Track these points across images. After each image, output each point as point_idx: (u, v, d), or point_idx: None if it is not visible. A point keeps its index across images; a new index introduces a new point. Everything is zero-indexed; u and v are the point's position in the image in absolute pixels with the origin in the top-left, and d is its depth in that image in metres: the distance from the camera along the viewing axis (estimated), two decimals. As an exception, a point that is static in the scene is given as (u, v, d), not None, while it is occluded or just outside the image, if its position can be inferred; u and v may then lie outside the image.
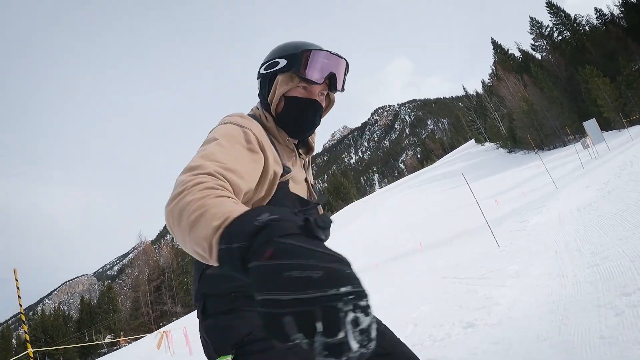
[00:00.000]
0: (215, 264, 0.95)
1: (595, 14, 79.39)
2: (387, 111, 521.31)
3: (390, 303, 10.49)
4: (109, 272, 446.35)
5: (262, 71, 1.83)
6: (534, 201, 18.85)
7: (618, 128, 42.40)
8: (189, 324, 19.44)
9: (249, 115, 1.75)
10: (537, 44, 79.95)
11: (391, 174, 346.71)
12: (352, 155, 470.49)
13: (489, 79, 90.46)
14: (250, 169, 1.44)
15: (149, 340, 24.97)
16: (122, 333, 58.65)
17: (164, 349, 16.61)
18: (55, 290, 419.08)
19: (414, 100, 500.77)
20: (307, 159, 2.02)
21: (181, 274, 73.31)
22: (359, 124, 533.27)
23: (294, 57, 1.71)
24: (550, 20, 77.86)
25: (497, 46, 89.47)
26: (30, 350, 9.49)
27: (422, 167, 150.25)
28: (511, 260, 9.27)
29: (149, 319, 65.66)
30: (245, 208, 0.99)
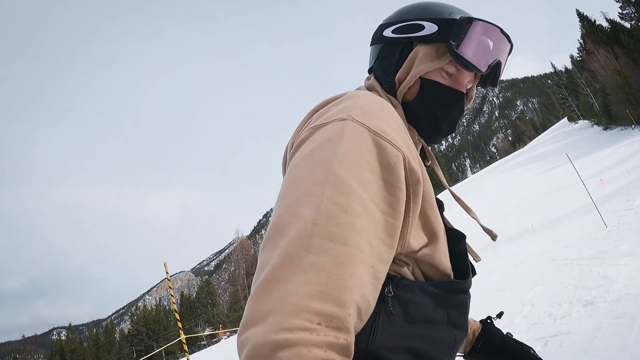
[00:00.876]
0: None
1: (688, -28, 75.56)
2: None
3: (501, 286, 10.90)
4: (206, 268, 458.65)
5: (389, 34, 1.29)
6: (638, 179, 18.65)
7: None
8: None
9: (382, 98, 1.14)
10: (625, 12, 76.41)
11: (483, 158, 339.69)
12: (442, 142, 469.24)
13: (578, 54, 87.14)
14: (389, 253, 0.92)
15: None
16: (220, 326, 60.60)
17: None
18: (154, 287, 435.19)
19: (502, 80, 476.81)
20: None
21: None
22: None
23: (450, 25, 1.19)
24: (638, -16, 74.60)
25: (583, 18, 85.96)
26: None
27: (515, 149, 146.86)
28: (622, 239, 9.60)
29: None
30: None
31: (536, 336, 6.02)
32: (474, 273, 1.25)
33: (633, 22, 73.57)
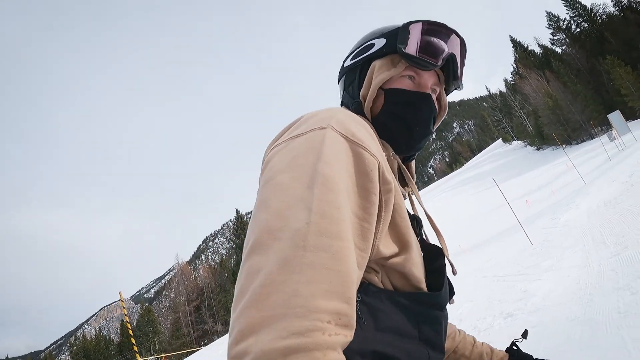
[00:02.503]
0: None
1: (611, 1, 79.38)
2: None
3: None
4: (145, 295, 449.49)
5: (347, 63, 1.36)
6: (564, 198, 19.26)
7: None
8: None
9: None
10: (556, 38, 79.69)
11: (421, 179, 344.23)
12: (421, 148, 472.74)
13: (511, 77, 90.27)
14: (363, 256, 0.89)
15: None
16: (163, 355, 59.44)
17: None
18: (94, 315, 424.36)
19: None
20: (406, 191, 1.37)
21: (220, 292, 73.85)
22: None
23: (396, 33, 1.24)
24: (567, 13, 77.62)
25: (516, 44, 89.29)
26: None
27: (452, 170, 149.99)
28: (545, 256, 10.01)
29: (190, 339, 66.72)
30: None
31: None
32: (452, 293, 1.27)
33: (564, 47, 76.77)
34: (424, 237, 1.30)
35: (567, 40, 76.76)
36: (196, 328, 69.11)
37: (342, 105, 1.40)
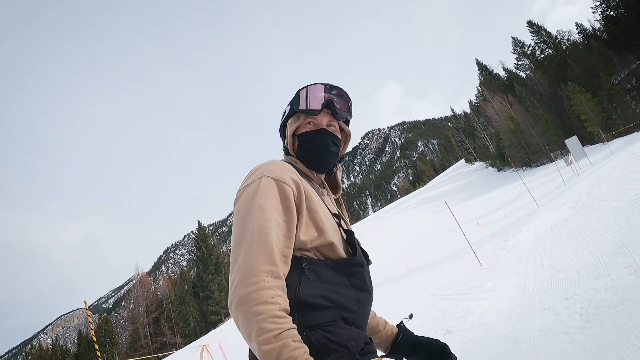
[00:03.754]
0: None
1: (576, 29, 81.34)
2: (377, 135, 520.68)
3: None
4: (104, 305, 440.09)
5: (279, 125, 2.02)
6: (517, 220, 19.77)
7: (602, 142, 43.58)
8: (222, 338, 20.19)
9: (283, 160, 1.81)
10: (520, 63, 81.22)
11: (384, 197, 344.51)
12: (344, 180, 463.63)
13: (476, 100, 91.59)
14: (289, 242, 1.54)
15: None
16: None
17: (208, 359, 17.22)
18: (50, 324, 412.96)
19: (404, 122, 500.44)
20: (338, 197, 2.09)
21: (179, 305, 72.52)
22: (350, 149, 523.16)
23: (294, 100, 1.90)
24: (532, 39, 79.30)
25: (482, 67, 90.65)
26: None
27: (415, 189, 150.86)
28: (490, 277, 10.29)
29: (148, 351, 65.26)
30: None
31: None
32: (367, 257, 1.87)
33: (527, 72, 78.25)
34: (344, 225, 1.87)
35: (531, 66, 78.36)
36: (155, 340, 67.64)
37: (283, 149, 2.04)
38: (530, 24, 78.78)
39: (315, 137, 1.87)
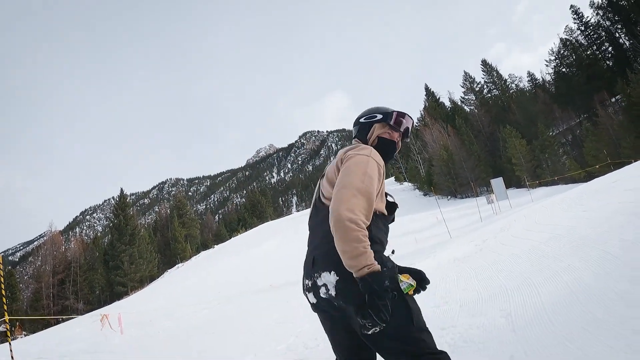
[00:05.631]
0: (355, 275, 2.09)
1: (527, 77, 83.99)
2: (315, 136, 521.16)
3: (279, 322, 11.01)
4: (10, 258, 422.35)
5: (362, 120, 2.86)
6: (427, 247, 19.75)
7: (527, 187, 44.73)
8: (123, 311, 19.37)
9: (375, 150, 2.58)
10: (467, 97, 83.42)
11: (310, 199, 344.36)
12: (274, 174, 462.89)
13: (417, 123, 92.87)
14: (375, 201, 2.35)
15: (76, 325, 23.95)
16: (17, 323, 55.74)
17: (108, 330, 16.33)
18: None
19: (344, 130, 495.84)
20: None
21: (88, 270, 69.20)
22: (286, 145, 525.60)
23: (388, 114, 2.78)
24: (483, 78, 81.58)
25: (429, 93, 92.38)
26: None
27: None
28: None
29: (49, 312, 62.32)
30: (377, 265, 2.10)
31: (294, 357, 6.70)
32: (393, 219, 2.66)
33: (472, 107, 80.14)
34: (390, 198, 2.65)
35: (476, 102, 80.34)
36: (57, 302, 64.23)
37: (354, 137, 2.91)
38: (484, 62, 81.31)
39: (390, 144, 2.77)
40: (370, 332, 2.07)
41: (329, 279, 2.33)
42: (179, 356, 9.93)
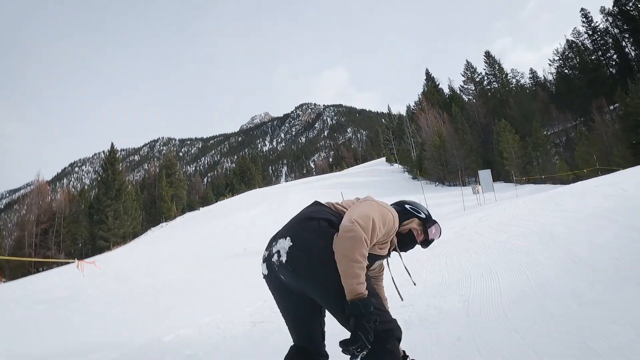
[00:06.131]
0: (347, 296, 2.24)
1: (529, 74, 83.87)
2: (311, 109, 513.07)
3: (250, 285, 11.07)
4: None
5: (407, 207, 3.06)
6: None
7: (515, 182, 44.90)
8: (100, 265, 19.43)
9: (398, 212, 2.88)
10: (466, 86, 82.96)
11: (300, 170, 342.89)
12: (266, 142, 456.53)
13: (414, 107, 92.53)
14: (377, 235, 2.50)
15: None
16: None
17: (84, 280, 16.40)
18: None
19: (340, 105, 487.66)
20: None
21: (72, 222, 69.15)
22: (281, 115, 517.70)
23: (430, 219, 3.04)
24: (484, 69, 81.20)
25: (429, 78, 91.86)
26: None
27: (331, 171, 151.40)
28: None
29: (30, 262, 62.44)
30: (368, 291, 2.28)
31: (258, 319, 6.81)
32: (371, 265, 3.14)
33: (470, 97, 79.96)
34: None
35: (475, 92, 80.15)
36: (38, 251, 64.20)
37: (399, 212, 3.00)
38: (488, 54, 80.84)
39: (413, 241, 3.02)
40: (359, 358, 2.22)
41: (283, 244, 2.49)
42: (147, 310, 10.08)
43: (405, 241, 2.96)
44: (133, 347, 5.82)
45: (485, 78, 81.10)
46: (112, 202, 67.66)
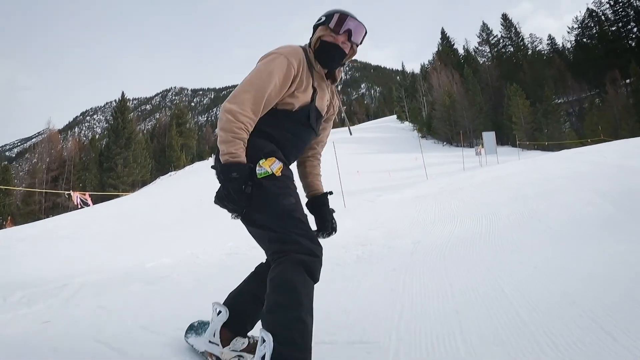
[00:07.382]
0: (219, 157, 2.30)
1: (547, 40, 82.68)
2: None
3: (237, 224, 11.59)
4: (7, 154, 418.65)
5: (314, 24, 2.78)
6: (399, 184, 20.21)
7: (522, 148, 44.97)
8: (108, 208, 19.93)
9: (301, 46, 2.63)
10: (481, 48, 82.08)
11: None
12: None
13: (428, 65, 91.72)
14: (274, 95, 2.41)
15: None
16: (9, 217, 56.17)
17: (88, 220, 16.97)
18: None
19: (355, 60, 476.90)
20: (333, 87, 2.91)
21: (82, 169, 70.33)
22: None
23: (330, 16, 2.62)
24: (500, 32, 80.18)
25: (445, 37, 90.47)
26: None
27: (342, 126, 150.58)
28: (347, 217, 10.58)
29: (40, 208, 62.89)
30: (243, 158, 2.25)
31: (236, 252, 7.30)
32: (309, 121, 2.70)
33: (484, 59, 79.20)
34: (317, 102, 2.69)
35: (489, 55, 79.40)
36: (48, 199, 65.05)
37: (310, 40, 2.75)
38: (505, 17, 79.60)
39: (330, 47, 2.61)
40: (233, 217, 2.38)
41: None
42: (139, 245, 10.69)
43: (322, 55, 2.64)
44: (119, 271, 6.33)
45: (501, 41, 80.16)
46: (122, 151, 68.08)
